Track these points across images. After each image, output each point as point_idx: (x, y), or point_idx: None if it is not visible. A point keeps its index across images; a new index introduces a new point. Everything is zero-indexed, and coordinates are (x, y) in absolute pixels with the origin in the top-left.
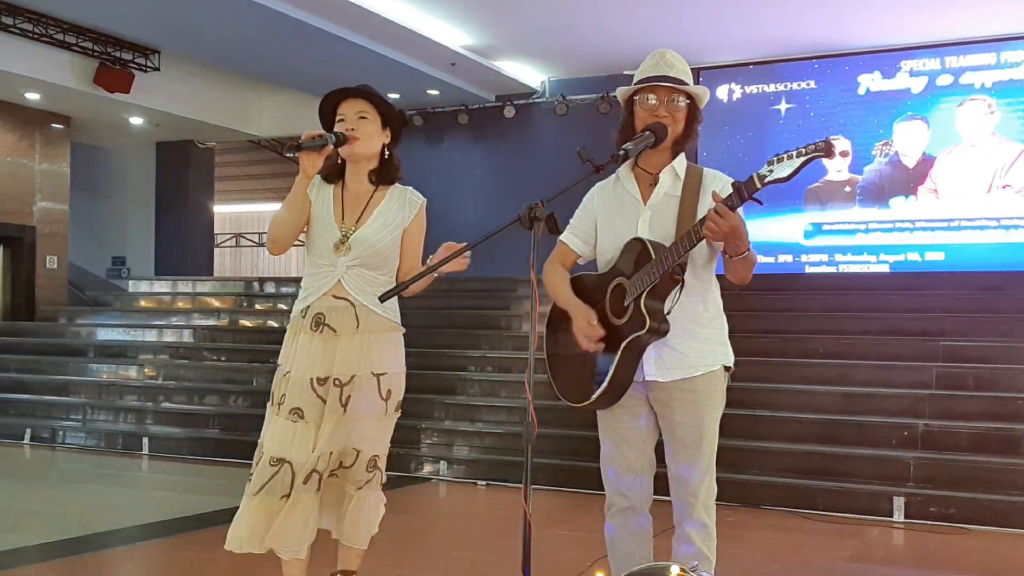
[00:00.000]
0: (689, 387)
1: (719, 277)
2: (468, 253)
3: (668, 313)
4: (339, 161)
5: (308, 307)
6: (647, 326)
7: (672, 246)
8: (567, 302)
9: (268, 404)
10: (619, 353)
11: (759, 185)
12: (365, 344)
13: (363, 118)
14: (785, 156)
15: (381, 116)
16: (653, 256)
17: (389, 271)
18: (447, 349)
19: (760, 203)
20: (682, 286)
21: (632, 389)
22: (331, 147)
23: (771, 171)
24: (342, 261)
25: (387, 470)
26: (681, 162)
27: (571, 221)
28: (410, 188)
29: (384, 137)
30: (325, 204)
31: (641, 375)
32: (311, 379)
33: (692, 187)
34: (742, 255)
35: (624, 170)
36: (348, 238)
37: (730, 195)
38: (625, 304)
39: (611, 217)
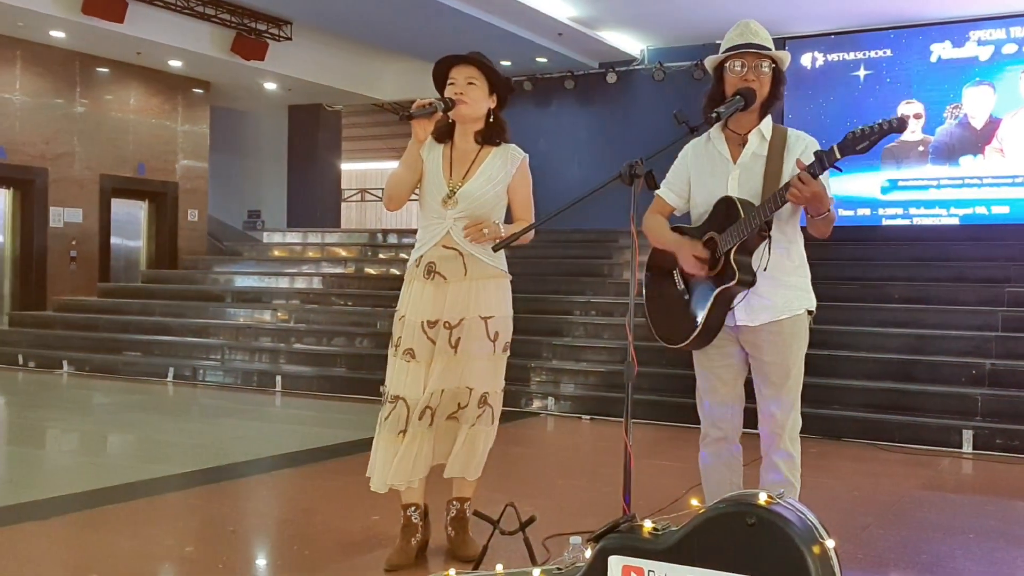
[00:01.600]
0: (776, 329)
1: (803, 229)
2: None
3: (763, 269)
4: (449, 122)
5: (421, 257)
6: (736, 278)
7: (759, 206)
8: (669, 240)
9: (390, 346)
10: (711, 300)
11: (839, 155)
12: (473, 290)
13: (471, 83)
14: (860, 132)
15: (489, 82)
16: (742, 214)
17: (496, 219)
18: (554, 295)
19: (840, 170)
20: (769, 242)
21: (724, 332)
22: (440, 113)
23: (849, 144)
24: (450, 214)
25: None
26: (767, 124)
27: (667, 176)
28: (513, 146)
29: (491, 102)
30: (435, 162)
31: (733, 320)
32: (422, 322)
33: (777, 147)
34: (823, 216)
35: (715, 131)
36: (455, 193)
37: (811, 164)
38: (717, 256)
39: (703, 174)
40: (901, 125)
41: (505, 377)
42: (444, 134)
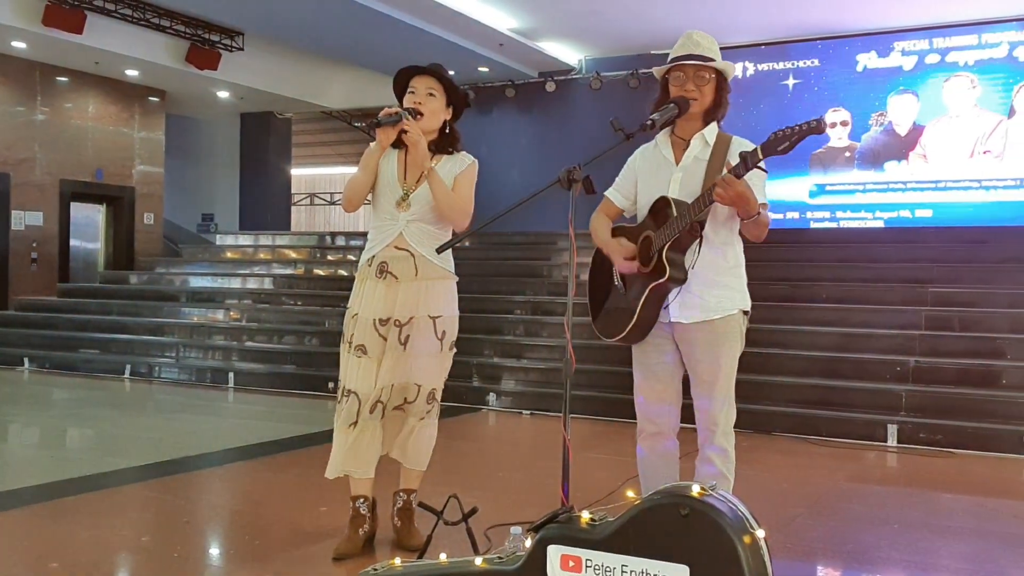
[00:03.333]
0: (709, 328)
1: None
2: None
3: (692, 268)
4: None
5: (373, 257)
6: (667, 274)
7: (689, 205)
8: (603, 242)
9: (341, 343)
10: (644, 296)
11: (761, 156)
12: (423, 290)
13: (431, 94)
14: (782, 132)
15: (447, 94)
16: (675, 213)
17: (445, 225)
18: (496, 295)
19: (765, 171)
20: (701, 241)
21: (659, 329)
22: (405, 121)
23: (771, 144)
24: (403, 216)
25: (443, 401)
26: (711, 130)
27: (616, 179)
28: (464, 152)
29: (446, 114)
30: (390, 166)
31: (667, 317)
32: (374, 320)
33: (719, 152)
34: (752, 218)
35: (662, 136)
36: (409, 196)
37: (736, 164)
38: (651, 254)
39: (648, 176)
40: (820, 126)
41: (449, 373)
42: (399, 141)
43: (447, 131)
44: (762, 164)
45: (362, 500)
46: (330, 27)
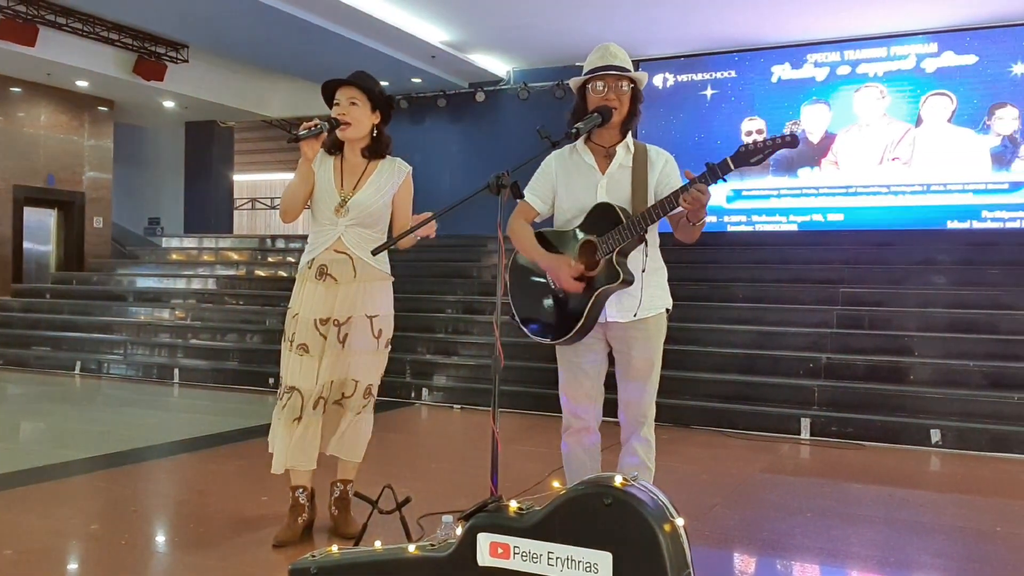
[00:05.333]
0: (643, 326)
1: (660, 235)
2: (434, 222)
3: (643, 270)
4: (337, 137)
5: (313, 259)
6: (620, 278)
7: (647, 211)
8: (538, 255)
9: (283, 341)
10: (592, 299)
11: (732, 167)
12: (361, 291)
13: (354, 104)
14: (754, 145)
15: (371, 101)
16: (624, 220)
17: (381, 229)
18: (428, 294)
19: (725, 181)
20: (646, 245)
21: (592, 329)
22: (325, 133)
23: (742, 157)
24: (342, 221)
25: (378, 396)
26: (630, 139)
27: (531, 184)
28: (399, 159)
29: (374, 119)
30: (327, 173)
31: (603, 317)
32: (315, 319)
33: (640, 160)
34: (702, 221)
35: (580, 144)
36: (347, 202)
37: (704, 174)
38: (597, 258)
39: (570, 182)
40: (794, 140)
41: (384, 370)
42: (334, 147)
43: (376, 135)
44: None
45: (302, 490)
46: (270, 40)
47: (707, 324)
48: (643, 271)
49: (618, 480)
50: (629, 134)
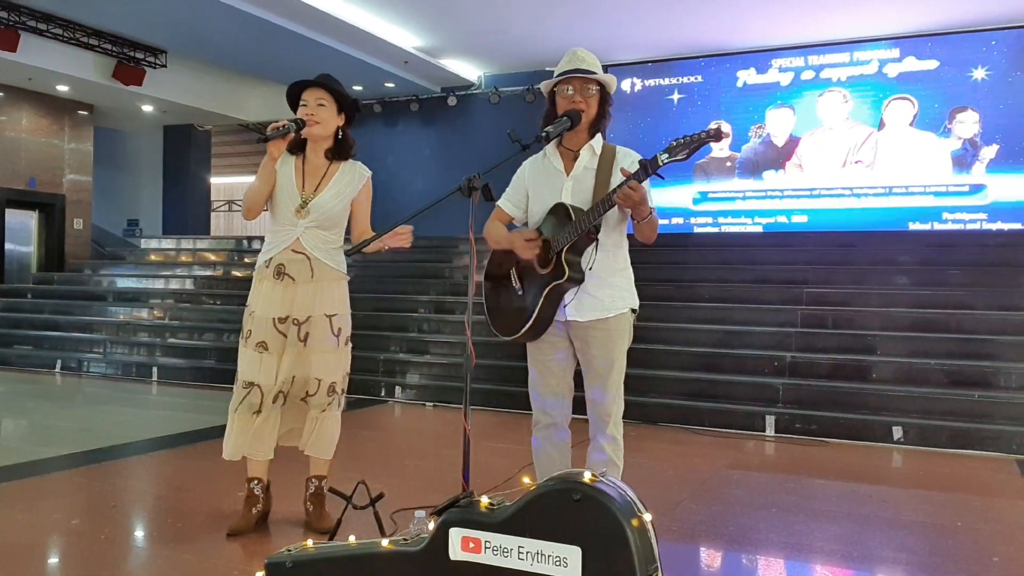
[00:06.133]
0: (603, 326)
1: (629, 236)
2: (411, 232)
3: (590, 268)
4: (302, 137)
5: (271, 259)
6: (566, 275)
7: (589, 210)
8: (503, 237)
9: (240, 338)
10: (543, 296)
11: (661, 163)
12: (318, 291)
13: (321, 105)
14: (682, 140)
15: (337, 103)
16: (573, 218)
17: (339, 232)
18: (401, 295)
19: (662, 178)
20: (596, 244)
21: (555, 327)
22: (292, 134)
23: (670, 153)
24: (302, 223)
25: (352, 393)
26: (598, 141)
27: (507, 190)
28: (360, 163)
29: (339, 121)
30: (288, 174)
31: (563, 315)
32: (273, 318)
33: (606, 161)
34: (646, 218)
35: (551, 148)
36: (307, 203)
37: (637, 171)
38: (549, 256)
39: (540, 186)
40: (718, 134)
41: (357, 368)
42: (297, 148)
43: (340, 137)
44: (659, 171)
45: (256, 482)
46: (247, 46)
47: (674, 323)
48: (589, 268)
49: (587, 476)
50: (598, 136)
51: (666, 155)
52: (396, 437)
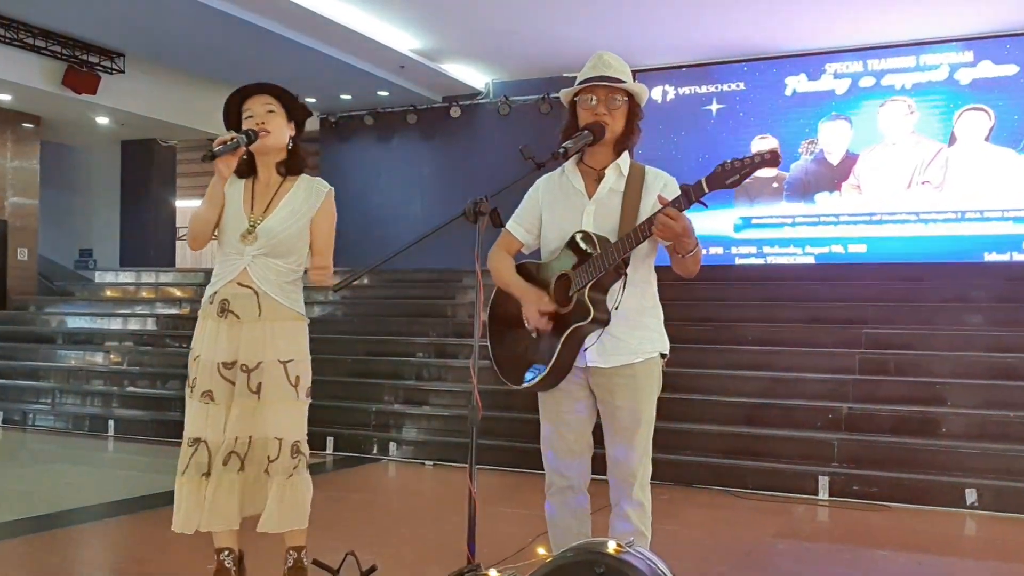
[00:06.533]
0: (629, 373)
1: (658, 269)
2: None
3: (616, 308)
4: (246, 156)
5: (215, 293)
6: (591, 316)
7: (618, 242)
8: (514, 284)
9: (186, 388)
10: (562, 340)
11: (707, 190)
12: (268, 332)
13: (270, 112)
14: (730, 164)
15: (286, 109)
16: (599, 250)
17: (295, 261)
18: (396, 336)
19: (705, 206)
20: (625, 280)
21: (572, 374)
22: (243, 148)
23: (717, 179)
24: (249, 250)
25: (340, 451)
26: (625, 160)
27: (516, 211)
28: (318, 179)
29: (290, 130)
30: (236, 196)
31: (583, 361)
32: (218, 363)
33: (635, 184)
34: (691, 252)
35: (570, 165)
36: (255, 228)
37: (677, 198)
38: (569, 294)
39: (556, 209)
40: (775, 159)
41: (345, 422)
42: (245, 169)
43: (292, 148)
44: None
45: (227, 552)
46: (218, 48)
47: (712, 370)
48: (616, 308)
49: (611, 546)
50: (625, 154)
51: (710, 181)
52: (391, 501)
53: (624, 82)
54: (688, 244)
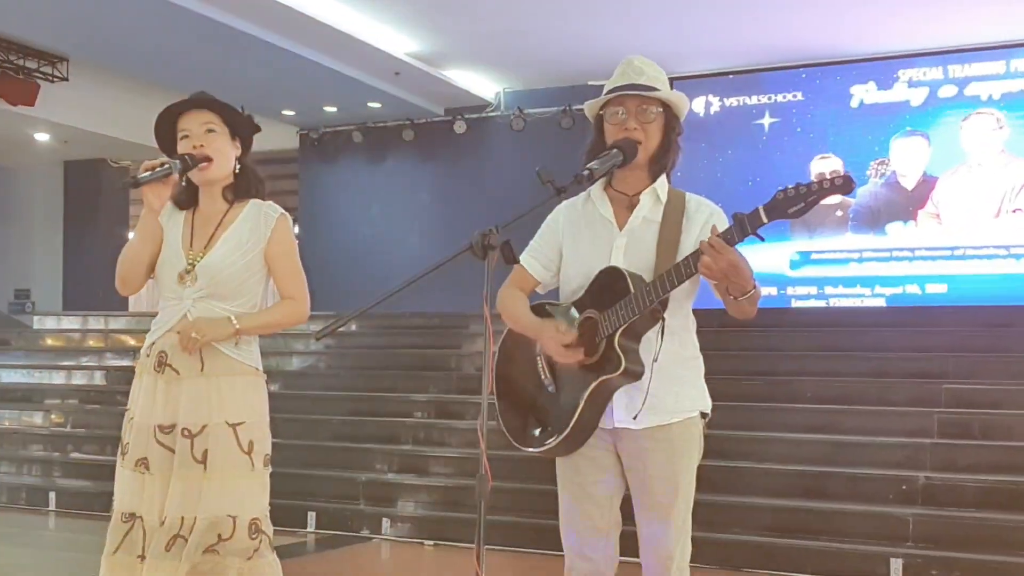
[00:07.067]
0: (664, 435)
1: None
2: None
3: (654, 359)
4: (184, 184)
5: (153, 344)
6: (621, 367)
7: (657, 279)
8: (527, 321)
9: (118, 453)
10: (586, 395)
11: (765, 219)
12: (213, 389)
13: (210, 131)
14: (792, 191)
15: (229, 126)
16: (632, 289)
17: (247, 302)
18: (389, 393)
19: (761, 239)
20: (663, 325)
21: (596, 437)
22: (176, 174)
23: (779, 205)
24: (188, 293)
25: (323, 528)
26: (663, 184)
27: (531, 243)
28: (269, 203)
29: (236, 149)
30: (175, 231)
31: (609, 421)
32: (154, 426)
33: (674, 213)
34: (748, 294)
35: (596, 190)
36: (195, 267)
37: (729, 228)
38: (596, 341)
39: (580, 241)
40: (847, 185)
41: (330, 495)
42: (186, 199)
43: (239, 170)
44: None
45: None
46: (178, 50)
47: (764, 432)
48: (654, 360)
49: None
50: (662, 178)
51: (770, 210)
52: None
53: (659, 90)
54: (741, 282)
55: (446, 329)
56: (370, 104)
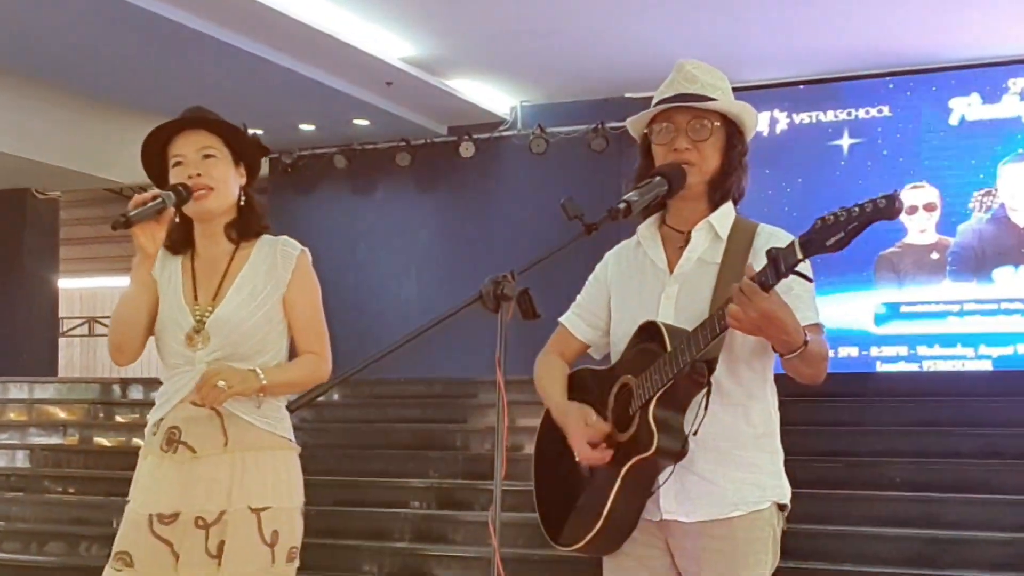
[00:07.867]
0: (724, 532)
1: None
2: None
3: (694, 433)
4: (177, 220)
5: (161, 420)
6: (654, 445)
7: (690, 335)
8: (554, 405)
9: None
10: (619, 480)
11: (800, 255)
12: (237, 466)
13: (209, 156)
14: (833, 218)
15: (232, 150)
16: (668, 347)
17: (272, 358)
18: (380, 478)
19: (809, 280)
20: (709, 391)
21: (644, 532)
22: (172, 209)
23: (816, 236)
24: (200, 355)
25: None
26: (723, 216)
27: (578, 297)
28: (283, 238)
29: (240, 177)
30: (173, 283)
31: (657, 512)
32: (151, 515)
33: (738, 250)
34: (796, 352)
35: (646, 229)
36: (204, 323)
37: (763, 268)
38: (631, 412)
39: (628, 293)
40: (890, 207)
41: None
42: (180, 241)
43: (244, 203)
44: (807, 268)
45: None
46: (121, 58)
47: (843, 526)
48: (694, 433)
49: None
50: (726, 207)
51: (805, 244)
52: None
53: (715, 100)
54: (787, 340)
55: (451, 399)
56: (356, 121)
